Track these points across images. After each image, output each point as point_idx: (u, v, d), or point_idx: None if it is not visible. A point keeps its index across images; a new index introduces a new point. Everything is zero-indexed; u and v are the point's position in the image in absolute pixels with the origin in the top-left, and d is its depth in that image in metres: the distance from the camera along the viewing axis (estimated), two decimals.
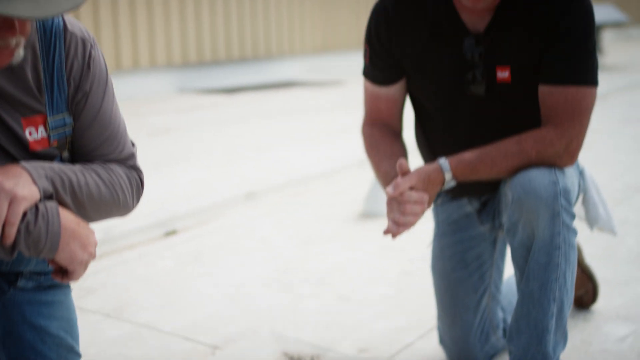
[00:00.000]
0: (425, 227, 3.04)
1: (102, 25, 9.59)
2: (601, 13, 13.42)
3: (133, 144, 1.74)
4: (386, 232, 1.99)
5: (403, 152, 2.19)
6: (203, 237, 3.87)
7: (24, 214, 1.47)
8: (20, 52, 1.47)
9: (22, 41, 1.45)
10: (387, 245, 3.60)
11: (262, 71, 11.83)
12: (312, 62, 12.71)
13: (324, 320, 2.81)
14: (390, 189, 1.95)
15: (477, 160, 2.02)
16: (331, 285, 3.17)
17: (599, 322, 2.72)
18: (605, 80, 10.80)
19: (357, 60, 9.88)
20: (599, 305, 2.86)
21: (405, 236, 3.10)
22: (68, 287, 1.83)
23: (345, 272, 3.32)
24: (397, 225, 1.96)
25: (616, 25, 14.38)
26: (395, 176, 2.05)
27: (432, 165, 2.03)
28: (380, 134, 2.22)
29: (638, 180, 4.89)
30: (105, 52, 9.61)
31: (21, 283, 1.74)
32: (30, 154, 1.59)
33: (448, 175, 2.02)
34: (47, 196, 1.51)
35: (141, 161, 1.80)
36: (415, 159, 2.44)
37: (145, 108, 8.71)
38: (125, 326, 2.79)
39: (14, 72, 1.55)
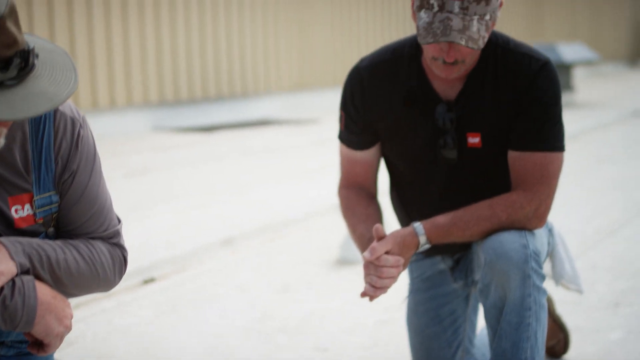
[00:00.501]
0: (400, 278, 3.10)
1: (79, 63, 9.64)
2: (572, 51, 13.68)
3: (119, 220, 1.78)
4: (363, 294, 2.05)
5: (378, 215, 2.26)
6: (181, 285, 3.90)
7: (1, 289, 1.50)
8: (1, 141, 1.51)
9: (4, 131, 1.49)
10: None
11: (238, 109, 11.91)
12: (288, 100, 12.82)
13: None
14: (367, 253, 2.02)
15: (451, 224, 2.10)
16: (309, 334, 3.21)
17: None
18: (576, 120, 10.99)
19: (333, 98, 10.01)
20: (571, 354, 2.92)
21: None
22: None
23: (322, 320, 3.37)
24: (374, 288, 2.03)
25: (587, 63, 14.65)
26: (370, 239, 2.12)
27: (407, 230, 2.10)
28: (356, 197, 2.28)
29: (609, 223, 4.99)
30: (81, 90, 9.65)
31: (2, 351, 1.76)
32: (15, 231, 1.63)
33: (422, 239, 2.09)
34: (24, 271, 1.54)
35: (118, 204, 1.81)
36: (391, 219, 2.51)
37: (123, 147, 8.75)
38: None
39: (2, 153, 1.58)
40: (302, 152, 8.24)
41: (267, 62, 12.44)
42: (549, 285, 2.33)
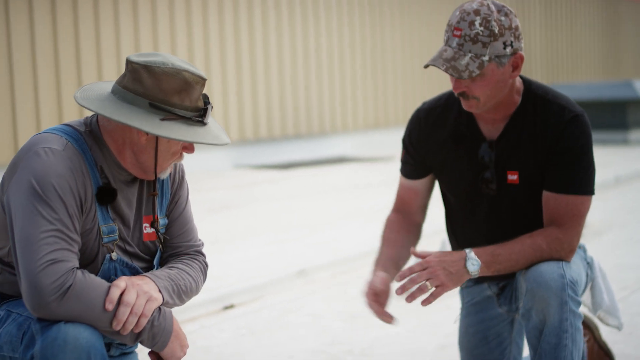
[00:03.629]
0: (458, 304, 3.37)
1: None
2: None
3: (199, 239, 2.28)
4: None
5: (407, 242, 2.62)
6: (258, 311, 4.24)
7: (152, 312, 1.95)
8: (168, 171, 2.08)
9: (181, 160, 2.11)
10: (426, 320, 3.92)
11: (315, 147, 12.31)
12: (363, 138, 13.17)
13: None
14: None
15: (497, 247, 2.39)
16: (374, 356, 3.49)
17: None
18: None
19: None
20: None
21: (443, 312, 3.42)
22: (136, 352, 2.29)
23: (386, 345, 3.65)
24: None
25: None
26: (379, 263, 2.54)
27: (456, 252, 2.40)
28: (397, 223, 2.66)
29: None
30: None
31: (111, 352, 2.18)
32: (142, 244, 2.11)
33: (471, 254, 2.35)
34: (164, 302, 2.00)
35: (202, 237, 2.32)
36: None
37: (204, 184, 9.19)
38: None
39: (145, 183, 2.13)
40: (375, 190, 8.54)
41: (344, 102, 12.83)
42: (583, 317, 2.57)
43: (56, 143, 1.95)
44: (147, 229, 2.11)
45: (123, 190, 2.06)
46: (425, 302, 2.34)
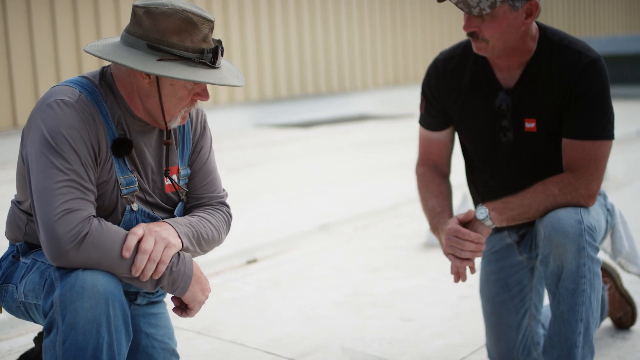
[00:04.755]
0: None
1: None
2: None
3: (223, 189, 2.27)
4: (455, 276, 2.39)
5: (448, 193, 2.60)
6: (281, 265, 4.29)
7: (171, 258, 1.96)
8: (178, 120, 2.04)
9: (196, 106, 2.07)
10: (448, 271, 3.95)
11: (335, 105, 12.29)
12: (383, 96, 13.13)
13: (388, 337, 3.18)
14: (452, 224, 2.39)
15: (509, 197, 2.41)
16: (396, 307, 3.54)
17: (635, 341, 3.03)
18: None
19: None
20: (637, 326, 3.16)
21: None
22: (164, 302, 2.33)
23: (409, 296, 3.69)
24: (459, 259, 2.36)
25: None
26: (440, 213, 2.47)
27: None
28: (431, 175, 2.64)
29: None
30: None
31: (138, 300, 2.21)
32: (164, 195, 2.11)
33: (479, 205, 2.38)
34: (184, 248, 2.00)
35: None
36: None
37: (225, 143, 9.23)
38: (215, 342, 3.21)
39: (167, 134, 2.11)
40: (395, 147, 8.55)
41: (363, 60, 12.78)
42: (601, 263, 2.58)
43: (68, 95, 1.95)
44: (169, 181, 2.11)
45: (140, 141, 2.04)
46: (472, 270, 2.41)
